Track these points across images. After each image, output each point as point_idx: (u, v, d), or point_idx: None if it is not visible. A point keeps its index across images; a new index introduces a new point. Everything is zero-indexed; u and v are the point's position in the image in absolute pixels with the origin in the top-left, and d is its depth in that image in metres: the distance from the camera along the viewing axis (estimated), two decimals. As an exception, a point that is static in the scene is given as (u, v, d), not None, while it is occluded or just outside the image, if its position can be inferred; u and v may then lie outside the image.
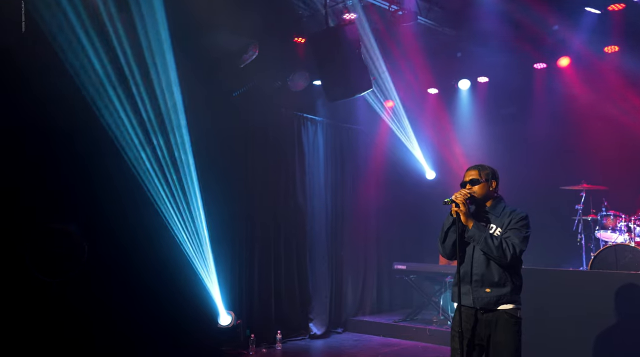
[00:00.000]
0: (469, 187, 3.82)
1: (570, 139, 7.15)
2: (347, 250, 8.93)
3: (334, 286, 8.69)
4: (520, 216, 3.72)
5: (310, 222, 8.39)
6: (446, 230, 3.80)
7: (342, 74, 5.95)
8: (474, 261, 3.73)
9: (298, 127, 8.45)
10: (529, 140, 7.50)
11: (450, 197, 3.77)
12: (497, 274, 3.68)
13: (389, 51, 7.67)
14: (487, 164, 3.91)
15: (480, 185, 3.80)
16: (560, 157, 7.33)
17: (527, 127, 7.69)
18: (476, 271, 3.71)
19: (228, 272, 7.01)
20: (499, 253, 3.57)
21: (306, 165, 8.46)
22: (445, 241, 3.83)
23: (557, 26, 6.93)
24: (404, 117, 8.63)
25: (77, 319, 5.51)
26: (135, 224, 5.88)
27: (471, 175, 3.85)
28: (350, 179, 9.11)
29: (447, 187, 9.30)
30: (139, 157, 6.04)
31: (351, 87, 5.98)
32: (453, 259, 3.89)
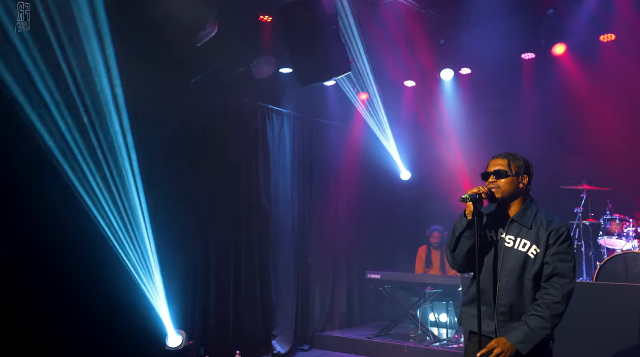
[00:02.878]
0: (492, 180, 2.99)
1: (569, 135, 6.47)
2: (316, 257, 8.05)
3: (300, 298, 7.79)
4: (565, 234, 2.91)
5: (275, 226, 7.48)
6: (458, 235, 2.95)
7: (317, 53, 5.09)
8: (501, 287, 2.89)
9: (262, 120, 7.53)
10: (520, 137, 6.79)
11: (467, 194, 2.93)
12: (529, 305, 2.88)
13: (364, 36, 6.84)
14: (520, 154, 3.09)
15: (508, 179, 2.97)
16: (557, 155, 6.63)
17: (517, 122, 6.98)
18: (503, 301, 2.89)
19: (179, 286, 6.01)
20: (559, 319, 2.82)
21: (271, 162, 7.54)
22: (457, 249, 2.98)
23: (552, 10, 6.24)
24: (380, 111, 7.81)
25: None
26: (67, 234, 4.88)
27: (498, 165, 3.01)
28: (319, 179, 8.23)
29: (423, 189, 8.60)
30: (73, 158, 5.00)
31: (327, 69, 5.12)
32: (467, 272, 3.06)
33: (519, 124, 6.96)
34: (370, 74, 7.54)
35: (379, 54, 7.28)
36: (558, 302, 2.79)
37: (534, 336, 2.76)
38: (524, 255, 2.90)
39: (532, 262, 2.89)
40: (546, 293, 2.83)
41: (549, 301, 2.80)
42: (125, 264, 5.12)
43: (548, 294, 2.82)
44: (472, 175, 7.57)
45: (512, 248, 2.94)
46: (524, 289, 2.88)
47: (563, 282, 2.82)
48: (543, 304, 2.81)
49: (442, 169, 7.89)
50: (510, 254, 2.93)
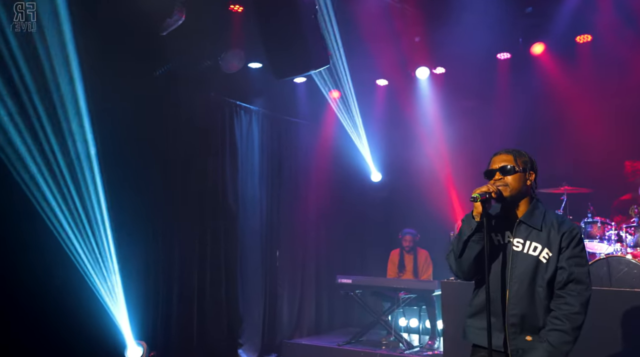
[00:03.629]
0: (498, 177, 2.73)
1: (548, 136, 6.34)
2: (284, 260, 7.70)
3: (267, 304, 7.43)
4: (579, 236, 2.68)
5: (242, 228, 7.11)
6: (466, 238, 2.68)
7: (294, 44, 4.76)
8: (511, 295, 2.63)
9: (230, 116, 7.16)
10: (497, 138, 6.62)
11: (476, 192, 2.67)
12: (542, 315, 2.63)
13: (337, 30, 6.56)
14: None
15: (515, 175, 2.72)
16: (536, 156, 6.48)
17: (494, 123, 6.81)
18: (514, 310, 2.62)
19: (140, 291, 5.58)
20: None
21: (239, 160, 7.17)
22: (464, 255, 2.69)
23: (530, 8, 6.11)
24: (353, 110, 7.54)
25: None
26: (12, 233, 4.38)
27: (503, 161, 2.76)
28: (288, 179, 7.90)
29: (394, 190, 8.37)
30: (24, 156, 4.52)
31: (304, 62, 4.79)
32: (473, 279, 2.79)
33: (495, 125, 6.80)
34: (342, 71, 7.27)
35: (352, 50, 7.00)
36: (577, 313, 2.56)
37: (557, 353, 2.53)
38: (535, 259, 2.66)
39: (544, 267, 2.64)
40: (563, 303, 2.59)
41: (568, 312, 2.56)
42: (80, 268, 4.66)
43: (566, 304, 2.58)
44: (445, 177, 7.39)
45: (521, 252, 2.69)
46: (536, 296, 2.63)
47: (580, 289, 2.59)
48: (562, 315, 2.57)
49: (414, 170, 7.68)
50: (520, 259, 2.68)
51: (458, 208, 7.04)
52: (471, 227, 2.65)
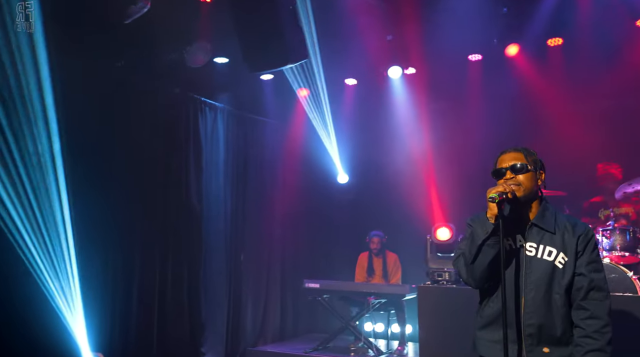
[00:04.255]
0: (510, 176, 2.56)
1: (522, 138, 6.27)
2: (249, 263, 7.39)
3: (231, 309, 7.10)
4: (594, 238, 2.54)
5: (206, 230, 6.76)
6: (480, 243, 2.47)
7: (270, 35, 4.49)
8: (527, 303, 2.45)
9: (194, 113, 6.81)
10: (471, 139, 6.54)
11: (494, 192, 2.48)
12: (560, 324, 2.45)
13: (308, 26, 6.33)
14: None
15: (527, 174, 2.56)
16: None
17: (469, 124, 6.72)
18: (531, 320, 2.44)
19: (97, 298, 5.17)
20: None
21: (203, 160, 6.83)
22: (477, 260, 2.49)
23: (506, 9, 6.05)
24: (322, 109, 7.32)
25: None
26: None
27: (513, 159, 2.59)
28: (254, 180, 7.59)
29: (362, 192, 8.17)
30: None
31: (281, 55, 4.53)
32: (484, 286, 2.60)
33: (470, 127, 6.72)
34: (311, 69, 7.04)
35: (321, 47, 6.77)
36: (607, 325, 2.41)
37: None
38: (551, 264, 2.49)
39: (560, 273, 2.48)
40: (590, 316, 2.42)
41: (598, 327, 2.39)
42: (33, 271, 4.22)
43: (591, 318, 2.41)
44: (417, 179, 7.26)
45: (535, 257, 2.52)
46: (553, 304, 2.46)
47: (601, 297, 2.44)
48: (592, 332, 2.39)
49: (384, 172, 7.52)
50: (534, 264, 2.51)
51: (431, 210, 6.90)
52: (486, 230, 2.45)
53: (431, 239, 5.62)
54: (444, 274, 5.38)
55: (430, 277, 5.52)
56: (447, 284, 5.38)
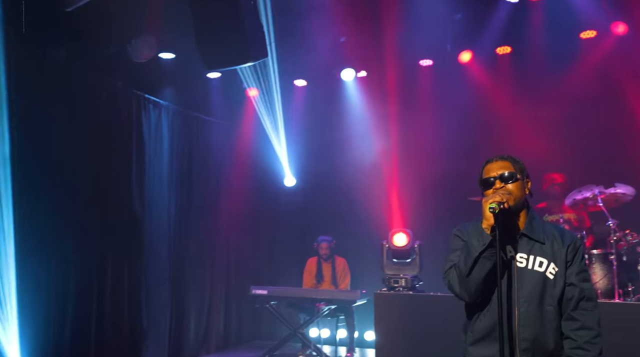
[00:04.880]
0: (499, 185, 2.48)
1: (476, 145, 6.35)
2: (193, 270, 7.07)
3: (174, 318, 6.76)
4: (582, 247, 2.50)
5: (148, 235, 6.40)
6: (477, 255, 2.38)
7: (230, 30, 4.25)
8: (521, 316, 2.37)
9: (138, 111, 6.44)
10: (423, 146, 6.54)
11: (493, 202, 2.37)
12: (552, 337, 2.39)
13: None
14: None
15: (517, 183, 2.47)
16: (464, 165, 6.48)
17: (422, 130, 6.72)
18: (525, 334, 2.36)
19: (32, 307, 4.73)
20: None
21: (146, 160, 6.47)
22: (472, 274, 2.37)
23: (460, 15, 6.10)
24: (272, 110, 7.12)
25: None
26: None
27: (501, 168, 2.49)
28: (199, 182, 7.28)
29: (309, 196, 8.03)
30: None
31: (241, 52, 4.30)
32: (477, 300, 2.49)
33: (425, 132, 6.72)
34: (261, 68, 6.85)
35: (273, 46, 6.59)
36: (598, 335, 2.37)
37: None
38: (542, 276, 2.43)
39: (551, 284, 2.42)
40: (581, 327, 2.37)
41: (589, 337, 2.35)
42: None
43: (583, 328, 2.37)
44: (367, 184, 7.20)
45: (526, 268, 2.45)
46: (545, 317, 2.39)
47: (592, 307, 2.41)
48: (584, 343, 2.34)
49: (334, 175, 7.42)
50: (526, 276, 2.44)
51: (385, 215, 6.83)
52: (483, 241, 2.35)
53: (387, 245, 5.56)
54: (400, 281, 5.33)
55: (387, 284, 5.45)
56: (403, 290, 5.33)
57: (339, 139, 7.41)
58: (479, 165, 6.55)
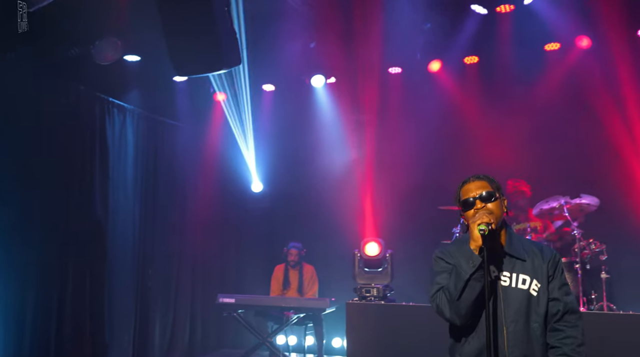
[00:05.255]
0: (480, 205, 2.48)
1: (445, 154, 6.40)
2: (157, 278, 6.88)
3: (138, 328, 6.56)
4: (561, 261, 2.54)
5: (112, 243, 6.20)
6: (468, 278, 2.36)
7: (203, 36, 4.14)
8: (509, 336, 2.39)
9: (101, 115, 6.23)
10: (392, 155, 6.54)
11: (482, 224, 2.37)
12: (540, 354, 2.43)
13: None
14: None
15: (496, 203, 2.49)
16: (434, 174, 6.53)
17: (391, 139, 6.72)
18: (514, 353, 2.39)
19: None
20: None
21: (110, 166, 6.26)
22: (462, 296, 2.36)
23: (429, 24, 6.15)
24: (240, 115, 7.01)
25: None
26: None
27: (480, 188, 2.50)
28: (164, 188, 7.09)
29: (276, 202, 7.93)
30: None
31: (215, 58, 4.18)
32: (468, 323, 2.48)
33: (396, 140, 6.72)
34: (231, 73, 6.74)
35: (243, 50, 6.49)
36: (582, 344, 2.42)
37: None
38: (526, 293, 2.45)
39: (536, 301, 2.44)
40: (566, 336, 2.41)
41: (574, 345, 2.40)
42: None
43: (569, 337, 2.41)
44: (336, 191, 7.17)
45: (510, 287, 2.46)
46: (532, 335, 2.41)
47: (576, 319, 2.46)
48: (570, 351, 2.39)
49: (303, 182, 7.36)
50: (511, 295, 2.45)
51: (352, 222, 6.81)
52: (473, 263, 2.34)
53: (359, 254, 5.54)
54: (372, 290, 5.31)
55: (358, 293, 5.43)
56: (374, 300, 5.32)
57: (309, 145, 7.36)
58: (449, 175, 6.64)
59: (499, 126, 6.34)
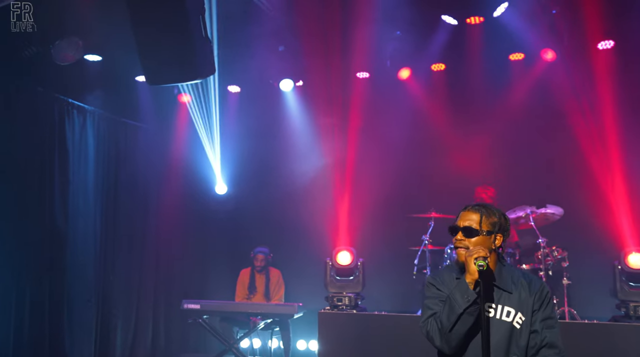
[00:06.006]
0: (460, 237, 2.51)
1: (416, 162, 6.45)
2: (119, 285, 6.68)
3: (99, 338, 6.35)
4: (549, 294, 2.58)
5: (72, 252, 5.98)
6: (461, 312, 2.38)
7: (178, 45, 3.99)
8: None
9: (60, 116, 5.98)
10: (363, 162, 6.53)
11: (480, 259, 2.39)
12: None
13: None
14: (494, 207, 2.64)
15: (477, 238, 2.51)
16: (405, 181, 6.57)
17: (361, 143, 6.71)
18: None
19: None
20: None
21: (70, 171, 6.02)
22: (454, 329, 2.38)
23: (399, 32, 6.16)
24: (205, 117, 6.85)
25: None
26: None
27: (468, 220, 2.53)
28: (127, 192, 6.86)
29: (239, 205, 7.82)
30: None
31: (189, 68, 4.04)
32: (457, 353, 2.50)
33: (363, 148, 6.72)
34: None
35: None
36: None
37: None
38: (509, 326, 2.49)
39: (518, 333, 2.49)
40: None
41: None
42: None
43: None
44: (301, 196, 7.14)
45: (494, 318, 2.50)
46: None
47: (555, 353, 2.49)
48: None
49: (270, 186, 7.28)
50: (494, 326, 2.49)
51: (319, 227, 6.78)
52: (468, 298, 2.36)
53: (331, 263, 5.52)
54: (344, 299, 5.32)
55: (330, 302, 5.43)
56: (346, 309, 5.34)
57: (277, 148, 7.28)
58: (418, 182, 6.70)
59: (467, 134, 6.44)
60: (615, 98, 5.66)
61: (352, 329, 5.15)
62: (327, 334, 5.19)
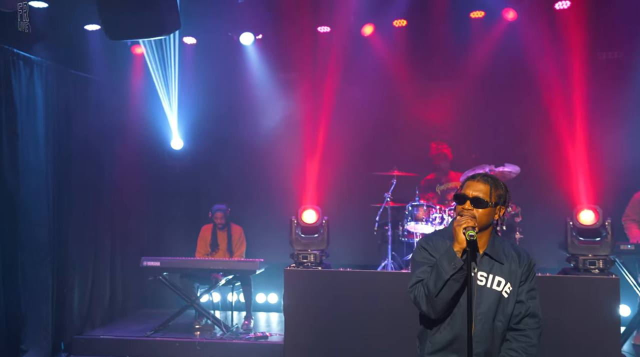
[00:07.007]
0: (468, 207, 2.55)
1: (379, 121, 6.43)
2: (75, 243, 6.50)
3: (56, 297, 6.21)
4: (534, 267, 2.70)
5: (23, 208, 5.72)
6: (447, 279, 2.44)
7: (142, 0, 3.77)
8: (476, 332, 2.54)
9: (6, 68, 5.59)
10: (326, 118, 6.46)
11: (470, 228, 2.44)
12: (500, 349, 2.64)
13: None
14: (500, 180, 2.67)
15: (486, 210, 2.55)
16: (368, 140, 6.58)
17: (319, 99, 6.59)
18: (478, 349, 2.54)
19: None
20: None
21: (18, 124, 5.68)
22: (440, 294, 2.45)
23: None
24: (164, 69, 6.59)
25: None
26: None
27: (478, 191, 2.55)
28: (79, 146, 6.57)
29: (195, 161, 7.66)
30: None
31: (152, 23, 3.83)
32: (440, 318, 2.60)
33: (327, 103, 6.62)
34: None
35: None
36: (534, 345, 2.61)
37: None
38: (498, 294, 2.59)
39: (505, 302, 2.60)
40: (522, 335, 2.61)
41: (526, 344, 2.59)
42: None
43: (524, 336, 2.60)
44: (261, 151, 7.06)
45: (485, 287, 2.59)
46: (495, 332, 2.59)
47: (534, 323, 2.64)
48: (519, 347, 2.58)
49: (230, 141, 7.17)
50: (484, 294, 2.58)
51: (282, 185, 6.74)
52: (454, 265, 2.42)
53: (296, 221, 5.54)
54: (309, 256, 5.39)
55: (295, 259, 5.48)
56: (311, 266, 5.41)
57: (236, 103, 7.14)
58: (380, 139, 6.73)
59: (428, 91, 6.48)
60: (575, 58, 5.77)
61: (318, 285, 5.24)
62: (293, 291, 5.26)
